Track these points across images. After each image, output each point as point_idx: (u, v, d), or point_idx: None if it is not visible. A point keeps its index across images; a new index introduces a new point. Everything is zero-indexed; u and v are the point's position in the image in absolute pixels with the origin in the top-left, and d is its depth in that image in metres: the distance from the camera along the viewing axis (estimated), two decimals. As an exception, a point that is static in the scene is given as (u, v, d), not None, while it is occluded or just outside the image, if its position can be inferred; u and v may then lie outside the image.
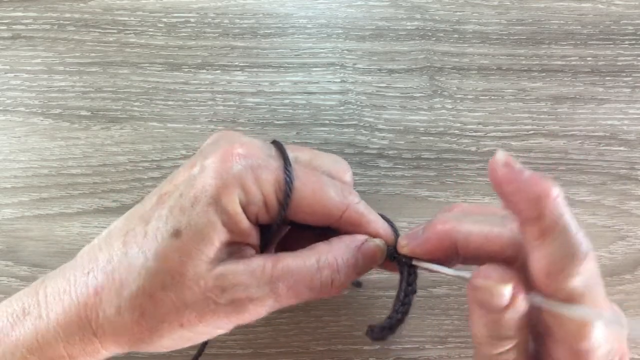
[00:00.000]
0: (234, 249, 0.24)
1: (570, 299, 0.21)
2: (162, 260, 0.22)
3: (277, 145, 0.26)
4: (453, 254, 0.25)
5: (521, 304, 0.22)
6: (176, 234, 0.22)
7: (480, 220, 0.24)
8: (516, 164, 0.21)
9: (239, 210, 0.23)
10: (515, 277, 0.22)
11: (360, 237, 0.26)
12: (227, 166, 0.23)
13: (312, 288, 0.24)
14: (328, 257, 0.25)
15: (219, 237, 0.23)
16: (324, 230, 0.27)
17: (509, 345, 0.22)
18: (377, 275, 0.34)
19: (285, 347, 0.34)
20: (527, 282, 0.22)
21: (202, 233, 0.22)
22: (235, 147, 0.24)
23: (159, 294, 0.22)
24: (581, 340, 0.21)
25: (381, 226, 0.27)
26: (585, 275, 0.20)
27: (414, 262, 0.26)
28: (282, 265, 0.24)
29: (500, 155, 0.21)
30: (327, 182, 0.25)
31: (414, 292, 0.26)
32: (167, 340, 0.23)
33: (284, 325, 0.33)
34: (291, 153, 0.26)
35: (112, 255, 0.23)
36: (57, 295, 0.23)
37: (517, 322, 0.22)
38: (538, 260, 0.21)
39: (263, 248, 0.26)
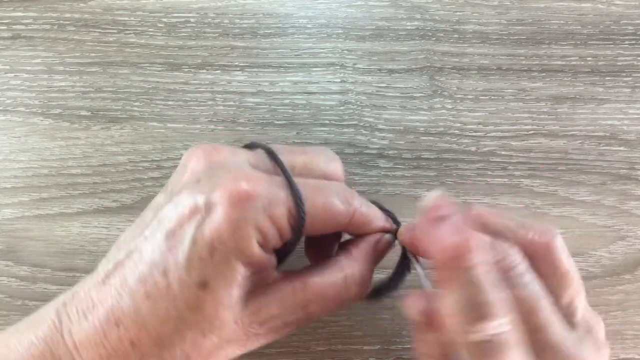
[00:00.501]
0: (257, 277, 0.24)
1: (472, 352, 0.21)
2: (198, 312, 0.22)
3: (273, 156, 0.26)
4: None
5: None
6: (203, 285, 0.22)
7: None
8: (441, 209, 0.22)
9: (258, 251, 0.23)
10: (431, 311, 0.23)
11: (373, 239, 0.28)
12: (238, 211, 0.22)
13: (340, 303, 0.26)
14: (354, 272, 0.26)
15: (243, 277, 0.23)
16: None
17: None
18: (377, 276, 0.34)
19: (285, 347, 0.34)
20: None
21: (227, 280, 0.23)
22: (241, 184, 0.23)
23: (200, 340, 0.23)
24: None
25: (383, 219, 0.28)
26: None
27: (407, 252, 0.28)
28: (311, 286, 0.25)
29: (428, 200, 0.22)
30: (332, 193, 0.25)
31: (408, 271, 0.29)
32: None
33: (284, 325, 0.33)
34: (286, 160, 0.25)
35: (140, 306, 0.22)
36: (89, 346, 0.22)
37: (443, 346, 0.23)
38: (440, 307, 0.22)
39: (279, 262, 0.26)
